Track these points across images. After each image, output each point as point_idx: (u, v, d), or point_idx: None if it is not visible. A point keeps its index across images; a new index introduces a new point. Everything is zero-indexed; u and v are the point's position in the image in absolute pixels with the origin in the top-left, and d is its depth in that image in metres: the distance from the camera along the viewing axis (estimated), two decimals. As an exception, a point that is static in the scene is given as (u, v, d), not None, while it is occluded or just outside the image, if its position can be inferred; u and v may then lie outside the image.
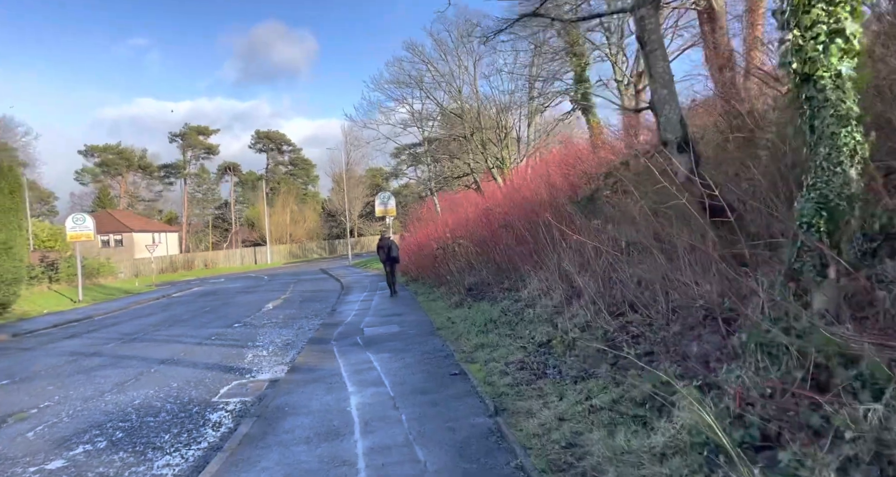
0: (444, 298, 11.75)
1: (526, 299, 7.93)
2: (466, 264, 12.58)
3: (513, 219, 10.42)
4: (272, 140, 72.11)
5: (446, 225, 17.39)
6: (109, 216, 54.87)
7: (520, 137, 27.17)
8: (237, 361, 8.03)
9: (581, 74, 17.91)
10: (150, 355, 8.91)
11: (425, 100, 28.31)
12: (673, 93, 4.50)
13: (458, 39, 25.39)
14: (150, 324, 13.72)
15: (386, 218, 29.40)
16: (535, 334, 6.07)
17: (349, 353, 7.43)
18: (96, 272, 31.07)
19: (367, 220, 58.59)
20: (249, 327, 11.70)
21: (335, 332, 9.44)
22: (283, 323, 12.01)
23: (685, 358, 3.70)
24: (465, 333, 7.48)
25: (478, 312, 8.75)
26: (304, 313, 13.62)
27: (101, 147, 66.77)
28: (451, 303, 10.61)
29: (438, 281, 14.09)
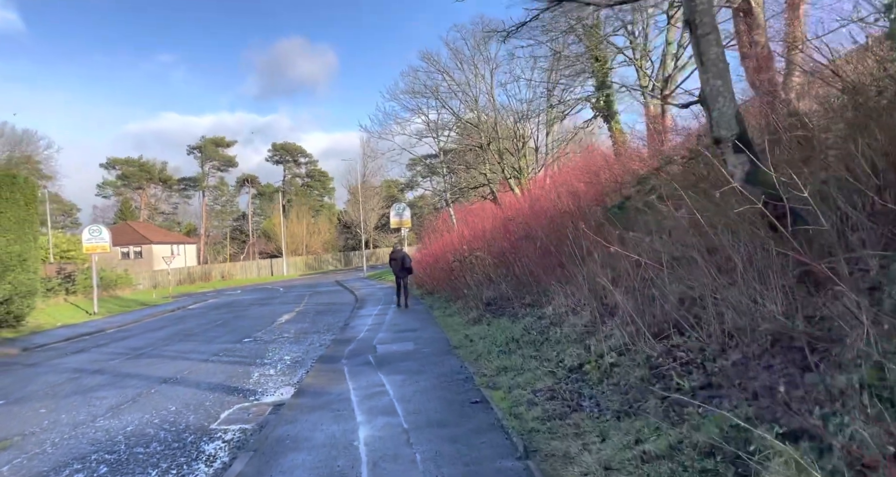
0: (461, 313, 11.16)
1: (551, 317, 7.31)
2: (484, 277, 12.00)
3: (535, 230, 9.84)
4: (289, 152, 72.64)
5: (463, 236, 16.85)
6: (129, 228, 55.47)
7: (538, 147, 26.60)
8: (242, 381, 7.53)
9: (603, 80, 17.35)
10: (153, 373, 8.46)
11: (441, 110, 27.98)
12: (728, 84, 3.93)
13: (475, 48, 25.06)
14: (160, 338, 13.34)
15: (401, 229, 28.98)
16: (565, 357, 5.46)
17: (360, 373, 6.88)
18: (113, 284, 31.10)
19: (382, 231, 58.32)
20: (259, 343, 11.23)
21: (346, 349, 8.91)
22: (295, 338, 11.53)
23: (756, 396, 3.08)
24: (484, 353, 6.89)
25: (498, 329, 8.14)
26: (316, 328, 13.13)
27: (123, 160, 67.87)
28: (469, 319, 10.02)
29: (455, 294, 13.52)
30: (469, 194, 33.49)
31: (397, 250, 15.17)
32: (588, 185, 10.64)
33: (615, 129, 17.46)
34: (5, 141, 48.99)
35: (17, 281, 16.38)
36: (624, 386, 4.14)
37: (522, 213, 11.90)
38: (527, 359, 5.95)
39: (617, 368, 4.50)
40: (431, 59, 26.27)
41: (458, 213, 27.59)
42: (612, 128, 17.46)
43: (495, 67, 24.95)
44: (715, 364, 3.79)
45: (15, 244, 16.52)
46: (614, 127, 17.49)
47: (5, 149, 49.13)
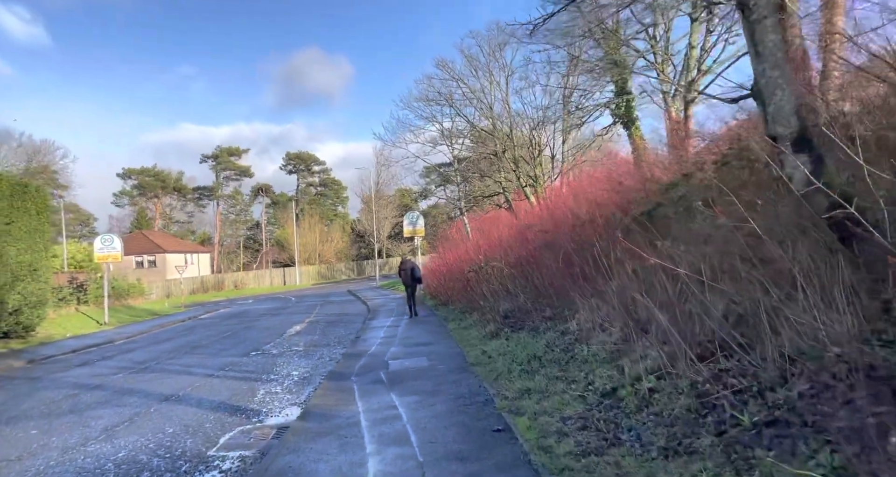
0: (478, 327, 10.67)
1: (575, 332, 6.81)
2: (501, 288, 11.51)
3: (556, 238, 9.36)
4: (303, 161, 72.94)
5: (478, 246, 16.40)
6: (143, 237, 55.85)
7: (554, 155, 26.14)
8: (246, 400, 7.11)
9: (623, 86, 16.87)
10: (154, 390, 8.08)
11: (455, 117, 27.68)
12: (786, 74, 3.47)
13: (490, 55, 24.77)
14: (167, 350, 13.01)
15: (414, 239, 28.59)
16: (595, 379, 4.95)
17: (371, 393, 6.42)
18: (126, 293, 31.07)
19: (395, 240, 58.06)
20: (267, 356, 10.83)
21: (357, 365, 8.46)
22: (304, 352, 11.11)
23: (841, 439, 2.57)
24: (504, 372, 6.39)
25: (518, 345, 7.64)
26: (326, 340, 12.72)
27: (139, 170, 68.64)
28: (486, 332, 9.53)
29: (470, 306, 13.04)
30: (483, 203, 33.07)
31: (406, 260, 15.56)
32: (611, 192, 10.15)
33: (635, 135, 16.95)
34: (22, 151, 49.60)
35: (26, 291, 16.23)
36: (668, 417, 3.64)
37: (541, 221, 11.42)
38: (552, 380, 5.45)
39: (657, 394, 3.99)
40: (446, 67, 26.03)
41: (473, 222, 27.17)
42: (633, 134, 16.94)
43: (510, 74, 24.62)
44: (776, 394, 3.27)
45: (26, 254, 16.39)
46: (634, 133, 16.98)
47: (22, 159, 49.73)
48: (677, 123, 14.81)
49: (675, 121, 15.10)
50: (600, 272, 7.09)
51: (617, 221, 7.98)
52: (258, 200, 74.29)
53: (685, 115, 14.75)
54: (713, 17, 14.35)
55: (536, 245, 10.58)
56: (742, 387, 3.53)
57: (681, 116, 15.20)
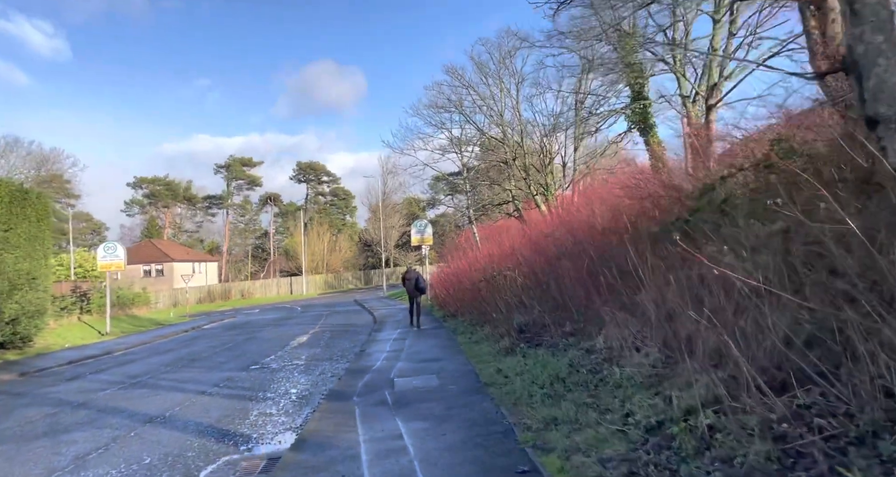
0: (490, 341, 9.96)
1: (602, 351, 6.09)
2: (515, 300, 10.80)
3: (578, 246, 8.67)
4: (314, 171, 72.88)
5: (488, 255, 15.72)
6: (151, 246, 55.73)
7: (565, 163, 25.48)
8: (237, 423, 6.44)
9: (640, 91, 16.23)
10: (140, 409, 7.44)
11: (465, 125, 27.14)
12: (891, 40, 2.79)
13: (500, 62, 24.26)
14: (164, 363, 12.41)
15: (422, 247, 27.96)
16: (635, 409, 4.23)
17: (374, 417, 5.73)
18: (130, 302, 30.63)
19: (402, 250, 57.45)
20: (266, 371, 10.18)
21: (360, 383, 7.77)
22: (305, 366, 10.45)
23: None
24: (524, 395, 5.68)
25: (536, 363, 6.93)
26: (329, 354, 12.05)
27: (150, 179, 68.82)
28: (500, 348, 8.81)
29: (481, 318, 12.33)
30: (492, 212, 32.41)
31: (411, 270, 15.62)
32: (634, 199, 9.45)
33: (653, 141, 16.26)
34: (31, 159, 49.75)
35: (24, 300, 15.73)
36: (740, 466, 2.92)
37: (555, 229, 10.73)
38: (581, 407, 4.73)
39: (720, 434, 3.28)
40: (455, 73, 25.55)
41: (482, 231, 26.51)
42: (650, 141, 16.26)
43: (521, 81, 24.08)
44: (888, 442, 2.56)
45: (24, 261, 15.92)
46: (652, 140, 16.29)
47: (31, 167, 49.85)
48: (699, 129, 14.13)
49: (696, 126, 14.42)
50: (630, 284, 6.39)
51: (645, 229, 7.28)
52: (266, 209, 74.22)
53: (707, 121, 14.06)
54: (736, 19, 13.71)
55: (553, 254, 9.89)
56: (835, 431, 2.81)
57: (700, 121, 14.53)
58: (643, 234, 7.21)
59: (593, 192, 14.07)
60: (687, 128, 14.48)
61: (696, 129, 13.50)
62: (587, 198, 14.27)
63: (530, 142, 25.42)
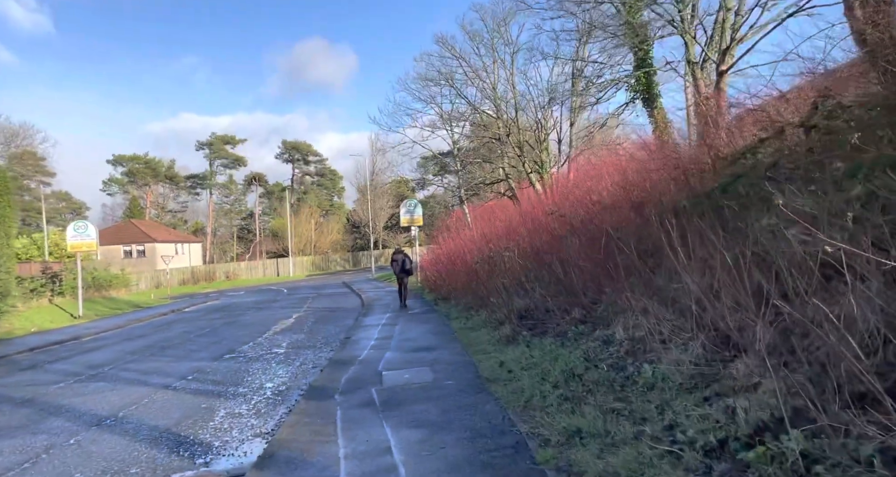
0: (488, 327, 9.12)
1: (623, 343, 5.24)
2: (514, 283, 9.94)
3: (586, 223, 7.79)
4: (299, 150, 71.02)
5: (484, 235, 14.82)
6: (132, 226, 54.10)
7: (561, 139, 24.50)
8: (199, 426, 5.54)
9: (644, 58, 15.19)
10: (91, 408, 6.51)
11: (455, 99, 25.94)
12: None
13: (494, 29, 23.01)
14: (132, 351, 11.45)
15: (412, 228, 26.99)
16: (681, 420, 3.39)
17: (358, 423, 4.85)
18: (108, 284, 29.41)
19: (392, 231, 56.42)
20: (241, 361, 9.27)
21: (344, 377, 6.89)
22: (285, 356, 9.55)
23: None
24: (536, 395, 4.82)
25: (544, 355, 6.08)
26: (313, 341, 11.16)
27: (129, 157, 66.64)
28: (500, 336, 7.96)
29: (476, 302, 11.49)
30: (484, 191, 31.44)
31: (398, 251, 15.71)
32: (651, 171, 8.55)
33: (657, 112, 15.31)
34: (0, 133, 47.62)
35: (-18, 282, 14.62)
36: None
37: (562, 204, 9.81)
38: (609, 415, 3.87)
39: (819, 466, 2.43)
40: (446, 44, 24.24)
41: (473, 212, 25.59)
42: (655, 112, 15.30)
43: (516, 51, 22.88)
44: None
45: (-19, 241, 14.76)
46: (657, 111, 15.34)
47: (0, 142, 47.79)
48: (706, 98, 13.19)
49: (706, 94, 13.49)
50: (655, 264, 5.52)
51: (669, 203, 6.39)
52: (251, 190, 72.48)
53: (718, 88, 13.10)
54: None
55: (557, 233, 9.00)
56: None
57: (709, 90, 13.62)
58: (665, 209, 6.33)
59: (599, 167, 13.13)
60: (696, 94, 13.55)
61: (707, 97, 12.60)
62: (593, 172, 13.36)
63: (524, 118, 24.39)
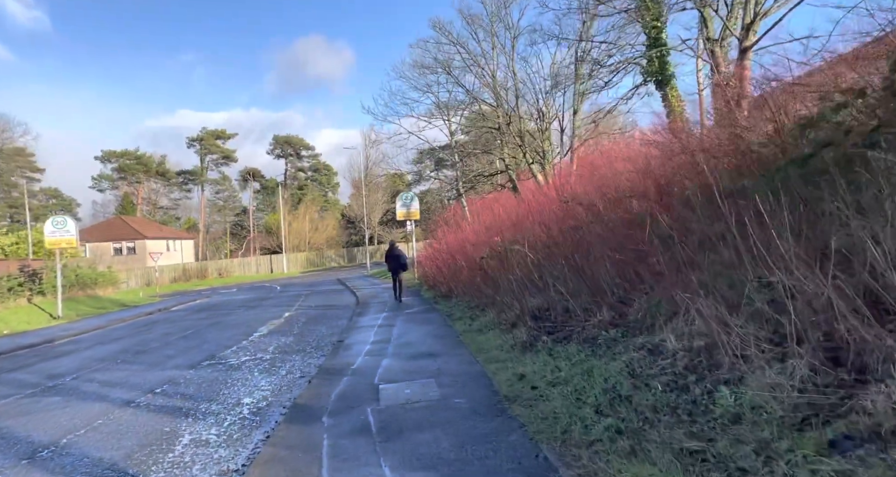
0: (497, 330, 8.11)
1: (679, 354, 4.22)
2: (525, 278, 8.92)
3: (613, 209, 6.76)
4: (291, 145, 69.73)
5: (487, 227, 13.80)
6: (122, 223, 52.80)
7: (563, 128, 23.46)
8: (154, 460, 4.50)
9: (657, 37, 14.14)
10: (29, 434, 5.45)
11: (453, 89, 24.83)
12: None
13: (495, 13, 21.88)
14: (103, 357, 10.39)
15: (408, 223, 25.93)
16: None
17: (350, 461, 3.83)
18: (93, 282, 28.25)
19: (387, 227, 55.30)
20: (221, 369, 8.23)
21: (334, 391, 5.86)
22: (270, 362, 8.51)
23: None
24: (574, 424, 3.80)
25: (574, 367, 5.06)
26: (302, 344, 10.13)
27: (119, 152, 65.21)
28: (514, 341, 6.94)
29: (482, 300, 10.48)
30: (482, 185, 30.36)
31: (393, 247, 15.89)
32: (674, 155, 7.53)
33: (672, 95, 14.28)
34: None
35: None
36: None
37: (580, 191, 8.78)
38: (688, 460, 2.86)
39: None
40: (443, 29, 23.12)
41: (472, 206, 24.58)
42: (669, 94, 14.27)
43: (517, 35, 21.79)
44: None
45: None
46: (671, 93, 14.30)
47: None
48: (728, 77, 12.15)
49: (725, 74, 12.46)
50: (715, 257, 4.51)
51: (724, 185, 5.37)
52: (246, 186, 71.13)
53: (741, 66, 12.05)
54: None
55: (575, 221, 7.98)
56: None
57: (728, 70, 12.61)
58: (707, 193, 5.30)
59: (608, 153, 12.11)
60: (715, 74, 12.52)
61: (727, 78, 11.59)
62: (600, 161, 12.32)
63: (525, 105, 23.33)
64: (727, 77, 12.18)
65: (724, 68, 12.79)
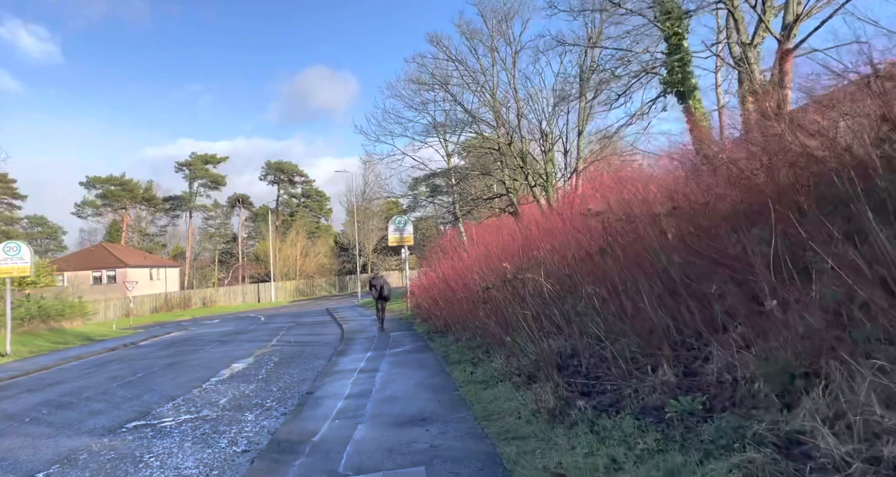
0: (509, 383, 6.20)
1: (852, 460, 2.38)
2: (540, 313, 7.07)
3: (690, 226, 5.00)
4: (283, 171, 68.40)
5: (487, 254, 12.02)
6: (104, 250, 50.70)
7: (567, 149, 22.00)
8: None
9: (678, 43, 12.71)
10: None
11: (451, 106, 23.39)
12: None
13: (495, 27, 20.64)
14: (13, 413, 8.41)
15: (402, 249, 24.14)
16: None
17: None
18: (59, 314, 26.06)
19: (381, 254, 53.43)
20: (145, 436, 6.26)
21: (277, 488, 3.94)
22: (212, 425, 6.55)
23: None
24: None
25: (640, 462, 3.22)
26: (265, 393, 8.18)
27: (104, 178, 63.59)
28: (536, 404, 5.02)
29: (485, 339, 8.61)
30: (479, 210, 28.69)
31: (377, 277, 16.33)
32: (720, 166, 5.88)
33: (695, 108, 12.75)
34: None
35: None
36: None
37: (606, 206, 7.03)
38: None
39: None
40: (441, 44, 21.80)
41: (470, 230, 22.88)
42: (693, 107, 12.74)
43: (518, 50, 20.50)
44: None
45: None
46: (694, 106, 12.78)
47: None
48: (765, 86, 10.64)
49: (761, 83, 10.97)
50: None
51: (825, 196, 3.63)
52: (235, 212, 69.42)
53: (781, 71, 10.52)
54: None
55: (609, 243, 6.20)
56: None
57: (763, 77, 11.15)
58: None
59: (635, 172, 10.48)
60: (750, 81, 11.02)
61: (763, 86, 10.06)
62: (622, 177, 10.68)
63: (528, 124, 21.90)
64: (763, 84, 10.65)
65: (758, 75, 11.32)
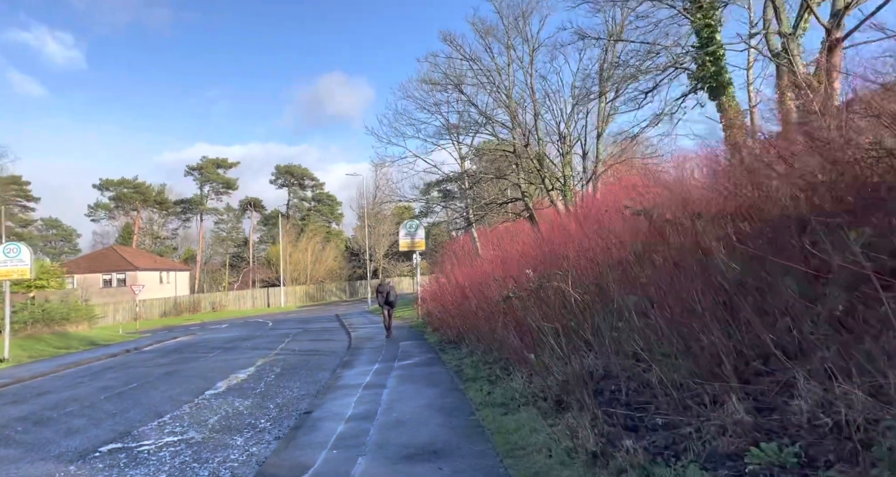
0: (534, 408, 5.36)
1: None
2: (565, 327, 6.23)
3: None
4: (293, 175, 68.10)
5: (504, 259, 11.20)
6: (114, 253, 50.55)
7: (586, 152, 21.14)
8: None
9: (711, 36, 11.83)
10: None
11: (465, 107, 22.63)
12: None
13: (511, 24, 19.89)
14: (-11, 426, 7.71)
15: (413, 254, 23.36)
16: None
17: None
18: (64, 318, 25.62)
19: (392, 260, 52.75)
20: (118, 462, 5.52)
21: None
22: (196, 449, 5.78)
23: None
24: None
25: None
26: (259, 413, 7.40)
27: (116, 181, 63.75)
28: (572, 441, 4.18)
29: (503, 353, 7.77)
30: (491, 216, 27.84)
31: (384, 284, 16.12)
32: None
33: (729, 105, 11.86)
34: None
35: None
36: None
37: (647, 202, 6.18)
38: None
39: None
40: (454, 43, 21.10)
41: (485, 237, 22.05)
42: (726, 104, 11.84)
43: (536, 48, 19.71)
44: None
45: None
46: (727, 103, 11.88)
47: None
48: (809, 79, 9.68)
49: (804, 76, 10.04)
50: None
51: None
52: (247, 216, 69.24)
53: (829, 64, 9.58)
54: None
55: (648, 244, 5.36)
56: None
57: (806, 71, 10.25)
58: None
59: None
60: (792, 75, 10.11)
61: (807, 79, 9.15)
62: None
63: (544, 127, 21.10)
64: (807, 78, 9.69)
65: (802, 69, 10.43)
